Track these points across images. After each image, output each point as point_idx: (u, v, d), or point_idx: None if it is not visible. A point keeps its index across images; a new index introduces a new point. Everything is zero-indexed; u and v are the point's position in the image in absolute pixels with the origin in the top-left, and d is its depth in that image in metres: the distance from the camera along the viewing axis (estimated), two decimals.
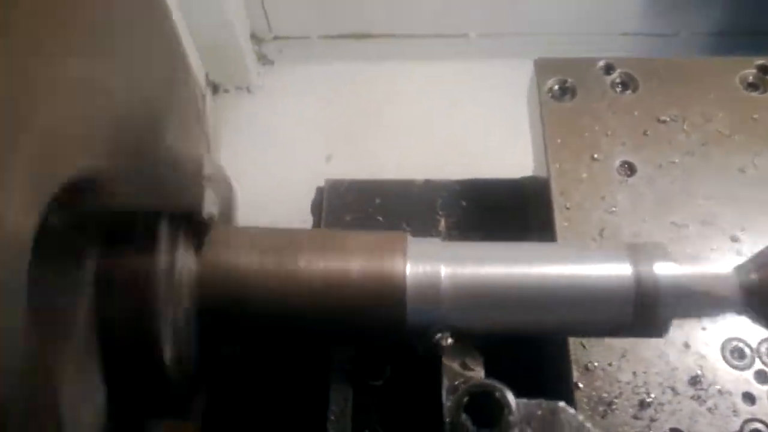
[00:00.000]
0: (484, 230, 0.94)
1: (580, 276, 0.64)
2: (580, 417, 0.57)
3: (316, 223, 0.97)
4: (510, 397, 0.57)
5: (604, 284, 0.64)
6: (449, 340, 0.63)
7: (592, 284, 0.64)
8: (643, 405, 0.72)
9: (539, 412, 0.57)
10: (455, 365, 0.63)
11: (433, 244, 0.69)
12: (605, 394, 0.73)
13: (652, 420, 0.71)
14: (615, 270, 0.64)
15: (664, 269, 0.63)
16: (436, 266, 0.64)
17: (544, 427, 0.56)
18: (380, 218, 0.96)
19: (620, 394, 0.73)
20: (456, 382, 0.62)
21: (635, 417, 0.72)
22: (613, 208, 0.84)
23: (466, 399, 0.57)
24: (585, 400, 0.72)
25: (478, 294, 0.64)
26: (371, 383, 0.85)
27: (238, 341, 0.74)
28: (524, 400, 0.59)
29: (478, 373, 0.64)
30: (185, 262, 0.61)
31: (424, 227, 0.95)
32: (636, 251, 0.65)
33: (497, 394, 0.57)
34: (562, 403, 0.59)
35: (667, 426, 0.71)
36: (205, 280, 0.62)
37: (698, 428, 0.71)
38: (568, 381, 0.74)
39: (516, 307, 0.65)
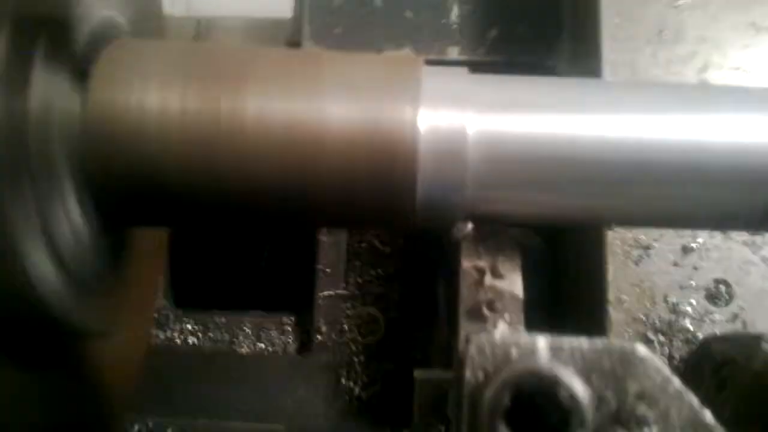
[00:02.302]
0: (504, 25, 0.76)
1: (700, 142, 0.42)
2: (666, 369, 0.34)
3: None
4: (581, 394, 0.34)
5: (748, 154, 0.42)
6: (469, 227, 0.43)
7: (723, 154, 0.41)
8: (686, 250, 0.60)
9: (607, 363, 0.35)
10: (479, 264, 0.43)
11: (460, 77, 0.44)
12: (642, 237, 0.60)
13: (695, 268, 0.60)
14: None
15: None
16: (461, 115, 0.40)
17: (612, 384, 0.34)
18: (378, 2, 0.78)
19: (660, 236, 0.60)
20: (483, 307, 0.41)
21: (675, 264, 0.60)
22: (678, 2, 0.66)
23: (508, 399, 0.34)
24: (618, 243, 0.60)
25: (529, 163, 0.41)
26: None
27: (154, 221, 0.51)
28: (584, 341, 0.36)
29: (513, 284, 0.44)
30: (55, 101, 0.38)
31: (432, 17, 0.77)
32: None
33: (563, 392, 0.34)
34: (640, 347, 0.35)
35: (711, 276, 0.60)
36: (95, 132, 0.40)
37: (748, 280, 0.59)
38: None
39: (593, 186, 0.42)
